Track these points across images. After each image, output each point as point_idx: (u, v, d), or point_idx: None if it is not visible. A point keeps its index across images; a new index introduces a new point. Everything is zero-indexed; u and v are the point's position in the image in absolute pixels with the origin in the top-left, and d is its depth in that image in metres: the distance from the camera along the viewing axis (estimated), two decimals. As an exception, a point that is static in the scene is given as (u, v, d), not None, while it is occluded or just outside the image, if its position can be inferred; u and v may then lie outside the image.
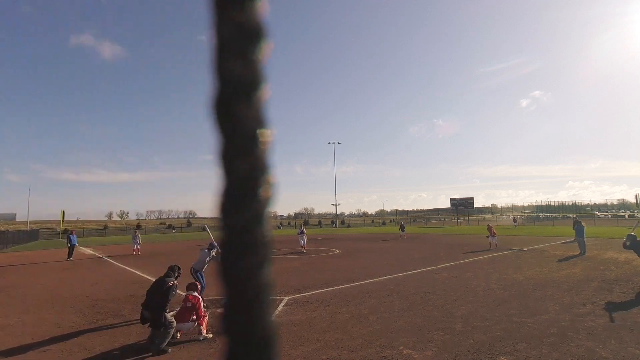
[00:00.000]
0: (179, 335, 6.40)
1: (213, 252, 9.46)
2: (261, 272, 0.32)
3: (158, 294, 6.27)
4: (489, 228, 20.73)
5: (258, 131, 0.33)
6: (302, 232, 21.89)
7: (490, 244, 19.70)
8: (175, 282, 6.64)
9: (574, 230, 17.16)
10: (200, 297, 6.72)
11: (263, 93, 0.33)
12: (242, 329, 0.31)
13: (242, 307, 0.31)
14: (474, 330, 6.37)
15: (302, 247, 21.30)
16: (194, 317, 6.43)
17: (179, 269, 7.02)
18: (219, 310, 8.16)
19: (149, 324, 6.08)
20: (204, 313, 6.72)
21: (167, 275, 6.65)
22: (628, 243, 10.42)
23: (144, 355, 5.77)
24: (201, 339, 6.35)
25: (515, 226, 43.03)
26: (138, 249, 21.68)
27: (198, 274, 9.23)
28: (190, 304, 6.46)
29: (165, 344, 5.93)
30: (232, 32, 0.32)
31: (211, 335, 6.48)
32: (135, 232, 23.36)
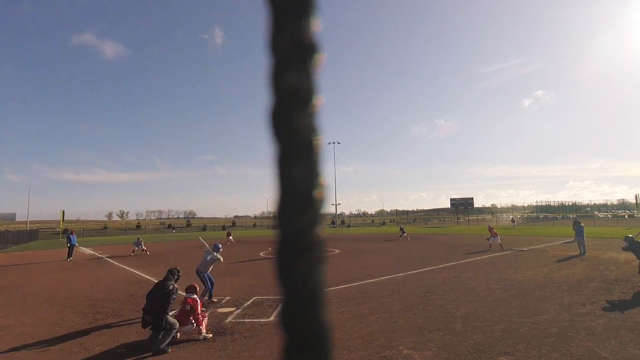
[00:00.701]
0: (178, 335, 6.41)
1: (218, 254, 9.49)
2: (316, 271, 0.34)
3: (159, 298, 6.29)
4: (490, 229, 20.67)
5: (313, 138, 0.35)
6: None
7: (490, 244, 19.55)
8: (176, 285, 6.65)
9: (573, 231, 17.18)
10: (198, 299, 6.72)
11: (317, 102, 0.35)
12: (300, 326, 0.33)
13: (300, 305, 0.33)
14: (474, 331, 6.37)
15: None
16: (192, 319, 6.44)
17: (179, 272, 7.04)
18: (218, 310, 8.16)
19: (150, 327, 6.10)
20: (203, 314, 6.73)
21: (167, 278, 6.67)
22: (627, 244, 10.41)
23: (144, 355, 5.77)
24: (201, 338, 6.36)
25: (514, 226, 42.95)
26: (144, 249, 21.78)
27: (204, 274, 9.25)
28: (188, 307, 6.47)
29: (166, 344, 5.93)
30: (289, 47, 0.34)
31: (211, 335, 6.50)
32: (139, 239, 23.41)
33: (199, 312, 6.55)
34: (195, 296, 6.68)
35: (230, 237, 29.91)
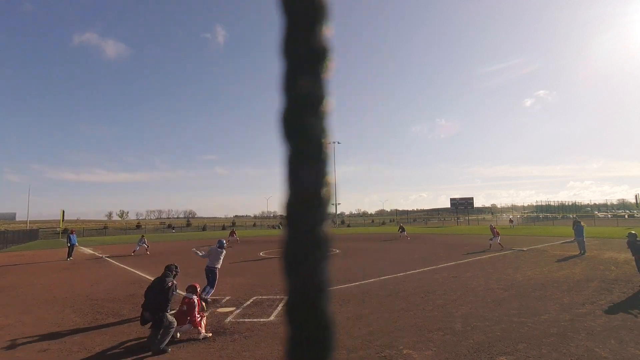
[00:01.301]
0: (178, 335, 6.41)
1: (221, 255, 9.55)
2: (322, 267, 0.35)
3: (158, 295, 6.28)
4: (492, 228, 20.53)
5: (323, 140, 0.36)
6: None
7: (490, 244, 19.53)
8: (174, 281, 6.64)
9: (573, 231, 17.18)
10: (196, 300, 6.69)
11: (327, 106, 0.37)
12: (305, 319, 0.35)
13: (306, 301, 0.35)
14: (474, 330, 6.37)
15: None
16: (188, 319, 6.44)
17: (177, 267, 7.01)
18: (218, 310, 8.15)
19: (150, 325, 6.10)
20: (202, 314, 6.73)
21: (165, 275, 6.65)
22: (629, 239, 10.41)
23: (144, 355, 5.77)
24: (201, 338, 6.36)
25: (512, 227, 42.55)
26: (147, 249, 21.81)
27: (213, 271, 9.25)
28: (185, 307, 6.47)
29: (165, 343, 5.93)
30: (302, 52, 0.36)
31: (210, 335, 6.50)
32: (143, 237, 23.46)
33: (196, 313, 6.52)
34: (194, 297, 6.66)
35: (235, 236, 30.01)
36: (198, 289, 6.93)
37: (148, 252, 21.50)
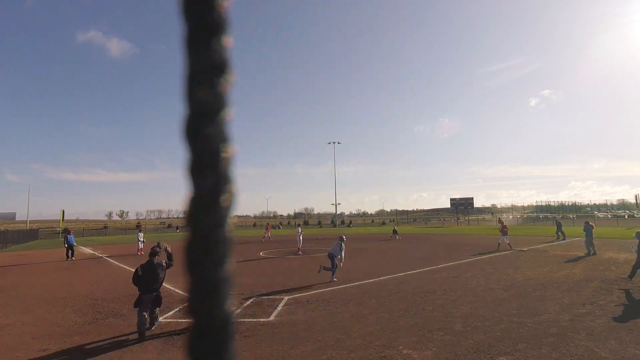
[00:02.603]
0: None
1: (343, 244, 11.03)
2: (221, 268, 0.37)
3: (155, 276, 6.92)
4: (503, 226, 19.25)
5: (221, 148, 0.38)
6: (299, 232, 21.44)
7: (499, 244, 18.96)
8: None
9: (584, 231, 17.04)
10: None
11: (226, 115, 0.39)
12: (203, 315, 0.37)
13: (203, 297, 0.37)
14: (474, 330, 6.37)
15: (298, 248, 20.68)
16: None
17: (159, 245, 7.57)
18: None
19: (149, 305, 6.71)
20: None
21: (154, 256, 7.20)
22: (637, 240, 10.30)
23: (145, 354, 5.77)
24: None
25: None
26: (142, 249, 21.58)
27: (335, 257, 10.71)
28: None
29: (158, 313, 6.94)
30: (201, 65, 0.38)
31: None
32: (139, 232, 23.37)
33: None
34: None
35: (268, 232, 31.44)
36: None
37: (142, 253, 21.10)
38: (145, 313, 6.57)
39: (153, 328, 6.79)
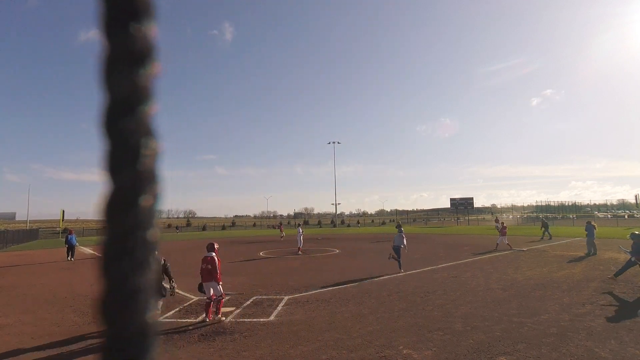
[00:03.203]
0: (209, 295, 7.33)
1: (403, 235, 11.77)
2: (139, 275, 0.34)
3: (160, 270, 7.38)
4: (503, 226, 19.29)
5: (142, 143, 0.35)
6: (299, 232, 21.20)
7: (497, 244, 18.94)
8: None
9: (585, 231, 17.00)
10: (216, 256, 7.52)
11: (149, 108, 0.36)
12: (116, 328, 0.33)
13: (117, 308, 0.33)
14: (474, 330, 6.37)
15: (298, 248, 20.43)
16: (214, 277, 7.32)
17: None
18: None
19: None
20: (224, 295, 7.64)
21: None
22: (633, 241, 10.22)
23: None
24: (216, 320, 7.25)
25: (498, 228, 40.27)
26: None
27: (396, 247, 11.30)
28: (209, 266, 7.33)
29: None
30: (119, 51, 0.34)
31: (225, 318, 7.37)
32: None
33: (219, 267, 7.42)
34: (214, 254, 7.47)
35: (281, 231, 32.15)
36: (216, 247, 7.68)
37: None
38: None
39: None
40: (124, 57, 0.34)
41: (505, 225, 19.85)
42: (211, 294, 7.37)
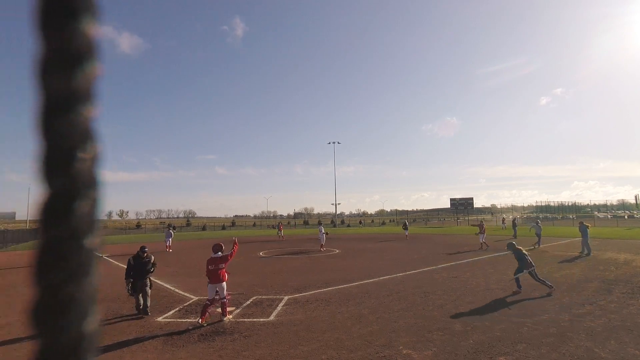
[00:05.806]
0: (217, 297, 7.44)
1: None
2: (73, 285, 0.33)
3: (143, 266, 8.10)
4: (480, 225, 20.52)
5: (79, 147, 0.33)
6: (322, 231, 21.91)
7: (481, 244, 19.69)
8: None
9: (580, 232, 16.98)
10: (221, 254, 7.68)
11: (88, 110, 0.34)
12: (47, 339, 0.32)
13: (48, 318, 0.32)
14: (474, 330, 6.37)
15: (321, 245, 21.41)
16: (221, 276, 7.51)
17: (144, 248, 8.52)
18: (218, 310, 8.15)
19: (140, 290, 7.85)
20: (229, 296, 7.85)
21: (143, 251, 8.35)
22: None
23: (144, 354, 5.78)
24: (224, 319, 7.38)
25: (503, 228, 38.07)
26: (169, 246, 22.42)
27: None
28: (214, 267, 7.47)
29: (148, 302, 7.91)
30: (56, 49, 0.32)
31: (231, 317, 7.57)
32: (169, 229, 24.34)
33: (227, 261, 7.64)
34: (220, 253, 7.62)
35: (281, 233, 31.88)
36: (223, 247, 7.72)
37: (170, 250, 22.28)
38: (141, 297, 7.92)
39: (148, 310, 7.89)
40: (60, 56, 0.33)
41: (484, 224, 20.76)
42: (215, 295, 7.39)
